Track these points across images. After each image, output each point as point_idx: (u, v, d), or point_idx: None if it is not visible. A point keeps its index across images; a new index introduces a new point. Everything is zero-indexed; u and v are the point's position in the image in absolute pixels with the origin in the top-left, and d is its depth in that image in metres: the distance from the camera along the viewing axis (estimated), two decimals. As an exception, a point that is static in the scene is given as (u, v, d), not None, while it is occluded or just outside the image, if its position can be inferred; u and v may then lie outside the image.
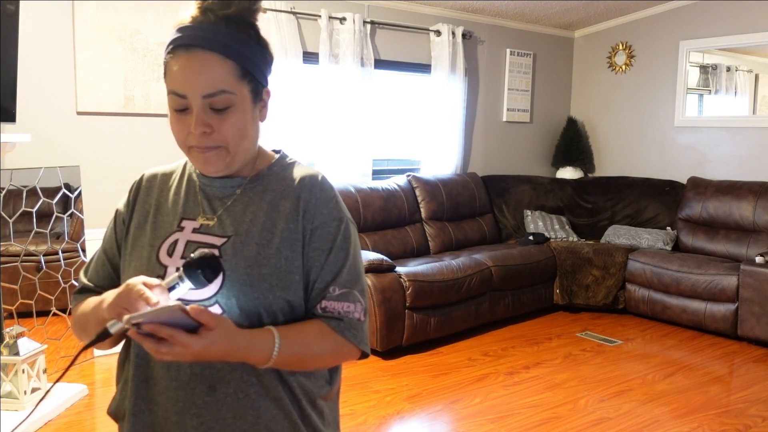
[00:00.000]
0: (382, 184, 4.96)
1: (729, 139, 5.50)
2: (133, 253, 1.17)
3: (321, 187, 1.14)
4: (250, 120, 1.10)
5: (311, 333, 1.08)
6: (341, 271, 1.11)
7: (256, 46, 1.08)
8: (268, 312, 1.07)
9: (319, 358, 1.10)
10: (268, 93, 1.14)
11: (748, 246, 4.89)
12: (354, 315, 1.10)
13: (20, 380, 3.06)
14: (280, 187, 1.14)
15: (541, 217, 5.61)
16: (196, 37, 1.05)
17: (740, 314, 4.42)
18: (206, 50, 1.04)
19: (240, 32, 1.06)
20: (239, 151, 1.11)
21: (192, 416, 1.08)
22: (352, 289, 1.11)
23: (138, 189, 1.26)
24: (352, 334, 1.10)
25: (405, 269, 4.22)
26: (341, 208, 1.14)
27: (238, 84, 1.06)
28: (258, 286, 1.07)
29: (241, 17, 1.07)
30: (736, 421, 3.27)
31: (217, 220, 1.13)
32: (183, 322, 0.96)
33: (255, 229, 1.10)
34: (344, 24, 4.73)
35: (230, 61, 1.05)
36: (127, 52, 3.96)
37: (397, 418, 3.25)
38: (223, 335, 0.98)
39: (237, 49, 1.05)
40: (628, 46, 6.10)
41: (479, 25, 5.74)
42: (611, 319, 5.04)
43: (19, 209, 3.55)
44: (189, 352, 0.96)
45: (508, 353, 4.22)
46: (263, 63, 1.10)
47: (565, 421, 3.23)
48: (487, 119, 5.98)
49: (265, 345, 1.03)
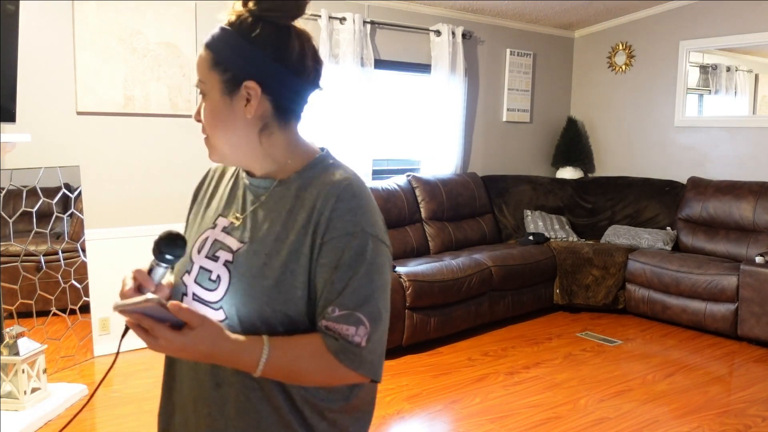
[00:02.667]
0: (382, 184, 4.96)
1: (729, 139, 5.50)
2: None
3: (341, 198, 1.06)
4: (224, 110, 1.09)
5: (307, 349, 1.04)
6: (344, 290, 1.03)
7: (239, 39, 1.07)
8: (265, 324, 1.06)
9: (310, 374, 1.05)
10: (252, 88, 1.07)
11: (748, 246, 4.89)
12: (353, 339, 1.04)
13: (20, 380, 3.06)
14: (304, 194, 1.10)
15: (541, 217, 5.61)
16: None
17: (740, 314, 4.42)
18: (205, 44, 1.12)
19: (232, 28, 1.08)
20: (219, 141, 1.12)
21: (202, 405, 1.12)
22: (355, 311, 1.03)
23: (203, 180, 1.29)
24: (346, 357, 1.04)
25: (405, 269, 4.22)
26: (359, 222, 1.05)
27: (209, 73, 1.09)
28: (258, 298, 1.06)
29: (239, 18, 1.09)
30: (736, 421, 3.27)
31: (242, 222, 1.14)
32: (169, 317, 0.98)
33: (269, 239, 1.09)
34: (344, 24, 4.73)
35: (209, 51, 1.09)
36: (127, 52, 3.96)
37: (397, 418, 3.25)
38: (206, 336, 0.99)
39: (215, 42, 1.09)
40: (628, 46, 6.10)
41: (479, 25, 5.74)
42: (611, 319, 5.04)
43: (19, 209, 3.56)
44: (171, 347, 0.98)
45: (508, 353, 4.22)
46: (243, 56, 1.06)
47: (565, 421, 3.24)
48: (487, 119, 5.98)
49: (252, 353, 1.02)
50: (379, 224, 1.09)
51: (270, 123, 1.11)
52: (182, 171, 4.16)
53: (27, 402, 3.09)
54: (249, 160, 1.14)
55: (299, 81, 1.10)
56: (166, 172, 4.16)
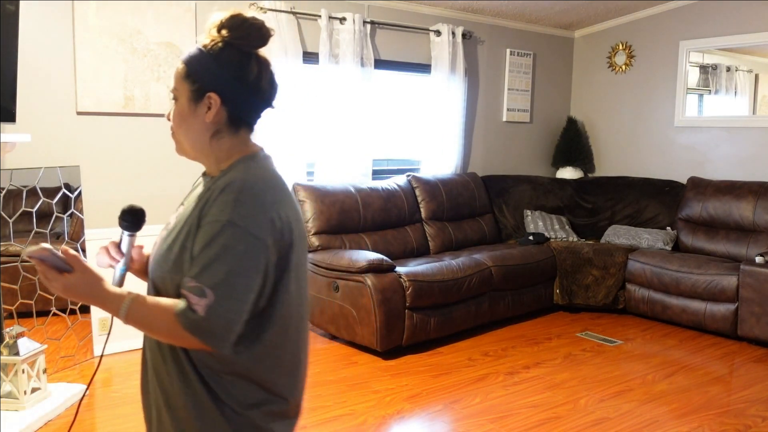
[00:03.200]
0: (382, 184, 4.96)
1: (729, 139, 5.50)
2: None
3: (225, 191, 1.26)
4: (189, 114, 1.34)
5: (163, 309, 1.24)
6: (204, 268, 1.22)
7: (207, 57, 1.31)
8: (163, 288, 1.31)
9: (161, 330, 1.25)
10: (213, 98, 1.31)
11: (748, 246, 4.89)
12: (195, 307, 1.21)
13: (20, 380, 3.06)
14: (213, 186, 1.31)
15: (541, 217, 5.61)
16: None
17: (740, 314, 4.42)
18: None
19: (205, 49, 1.32)
20: (182, 138, 1.37)
21: (146, 382, 1.41)
22: (204, 286, 1.21)
23: (193, 184, 1.51)
24: (185, 321, 1.21)
25: (405, 269, 4.22)
26: (228, 212, 1.23)
27: (182, 83, 1.34)
28: (162, 267, 1.31)
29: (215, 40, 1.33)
30: (736, 421, 3.27)
31: (178, 209, 1.40)
32: (61, 265, 1.24)
33: (180, 221, 1.34)
34: (344, 24, 4.73)
35: (184, 65, 1.34)
36: (127, 52, 3.96)
37: (397, 418, 3.25)
38: (85, 282, 1.25)
39: (190, 59, 1.34)
40: (628, 46, 6.10)
41: (479, 25, 5.74)
42: (611, 319, 5.04)
43: (19, 209, 3.56)
44: (57, 287, 1.25)
45: (508, 353, 4.22)
46: (210, 73, 1.31)
47: (565, 421, 3.24)
48: (487, 119, 5.98)
49: (118, 303, 1.25)
50: (252, 218, 1.24)
51: (222, 129, 1.35)
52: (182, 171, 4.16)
53: (27, 402, 3.09)
54: (202, 157, 1.38)
55: (254, 99, 1.35)
56: (166, 172, 4.16)
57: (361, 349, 4.18)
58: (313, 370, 3.90)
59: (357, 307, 4.04)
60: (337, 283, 4.15)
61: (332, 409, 3.33)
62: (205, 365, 1.29)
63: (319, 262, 4.27)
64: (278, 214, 1.27)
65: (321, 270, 4.26)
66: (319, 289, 4.29)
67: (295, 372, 1.39)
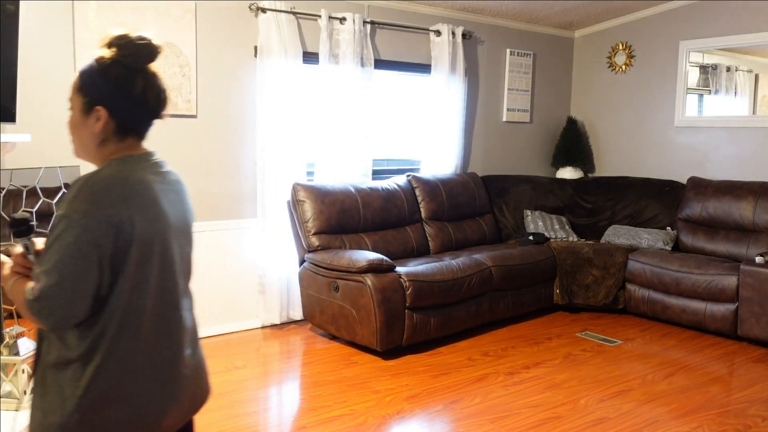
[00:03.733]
0: (382, 184, 4.96)
1: (729, 139, 5.50)
2: None
3: (72, 188, 1.39)
4: (80, 123, 1.47)
5: (23, 289, 1.40)
6: (42, 257, 1.38)
7: (98, 74, 1.45)
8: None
9: (22, 308, 1.41)
10: (101, 112, 1.44)
11: (748, 246, 4.89)
12: (31, 290, 1.37)
13: (20, 380, 3.06)
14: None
15: (541, 217, 5.61)
16: None
17: (740, 314, 4.42)
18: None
19: (97, 64, 1.47)
20: (76, 144, 1.51)
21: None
22: (40, 273, 1.36)
23: None
24: (26, 301, 1.38)
25: (405, 269, 4.22)
26: (67, 207, 1.36)
27: (75, 94, 1.48)
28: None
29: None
30: (736, 421, 3.27)
31: None
32: None
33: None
34: (344, 24, 4.73)
35: (78, 78, 1.48)
36: (127, 52, 3.96)
37: (397, 418, 3.25)
38: None
39: (83, 72, 1.48)
40: (628, 46, 6.10)
41: (479, 25, 5.74)
42: (611, 319, 5.04)
43: (19, 209, 3.55)
44: None
45: (508, 353, 4.22)
46: (98, 87, 1.45)
47: (565, 421, 3.24)
48: (487, 119, 5.98)
49: (8, 283, 1.46)
50: (84, 213, 1.35)
51: (109, 138, 1.48)
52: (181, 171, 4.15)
53: (27, 402, 3.09)
54: (91, 159, 1.51)
55: (140, 111, 1.49)
56: (166, 172, 4.16)
57: (361, 349, 4.18)
58: (313, 370, 3.90)
59: (357, 307, 4.04)
60: (337, 283, 4.15)
61: (332, 409, 3.33)
62: (55, 356, 1.44)
63: (319, 262, 4.27)
64: (116, 211, 1.37)
65: (321, 270, 4.26)
66: (319, 289, 4.29)
67: (161, 381, 1.49)
